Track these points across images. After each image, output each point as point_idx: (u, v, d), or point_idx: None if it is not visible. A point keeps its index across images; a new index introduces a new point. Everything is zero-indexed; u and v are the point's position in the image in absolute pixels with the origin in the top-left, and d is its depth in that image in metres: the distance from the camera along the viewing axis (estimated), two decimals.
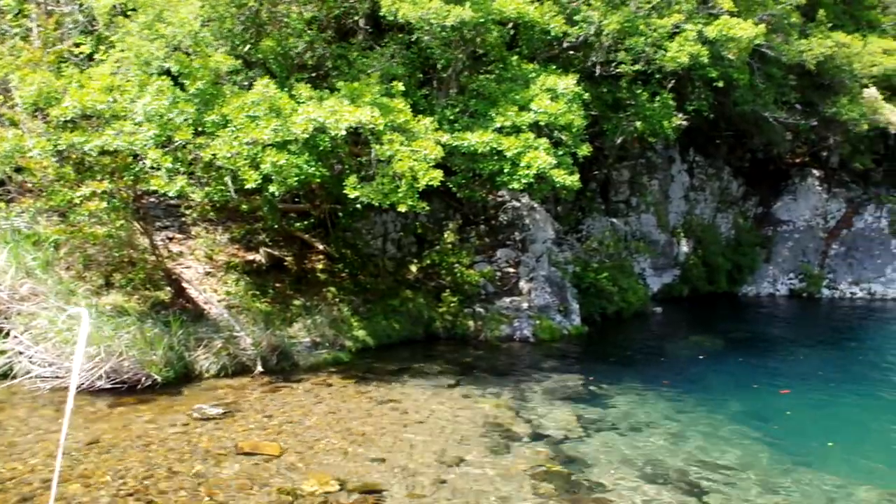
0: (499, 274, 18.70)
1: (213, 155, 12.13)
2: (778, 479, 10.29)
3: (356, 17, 16.11)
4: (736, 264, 27.98)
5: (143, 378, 12.15)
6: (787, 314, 25.72)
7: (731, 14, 17.88)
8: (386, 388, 13.32)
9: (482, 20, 14.48)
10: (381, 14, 14.57)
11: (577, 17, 17.03)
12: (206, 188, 13.29)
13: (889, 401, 14.55)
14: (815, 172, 29.69)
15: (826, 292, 28.44)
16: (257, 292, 15.70)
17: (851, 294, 28.28)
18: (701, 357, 17.96)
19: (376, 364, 15.02)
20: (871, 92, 24.73)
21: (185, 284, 15.03)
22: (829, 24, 24.12)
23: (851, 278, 28.55)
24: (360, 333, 16.11)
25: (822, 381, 15.97)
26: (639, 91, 18.43)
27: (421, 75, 16.10)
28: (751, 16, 18.73)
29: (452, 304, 17.73)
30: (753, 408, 13.86)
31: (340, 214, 17.19)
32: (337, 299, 16.48)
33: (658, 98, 18.32)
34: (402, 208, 12.65)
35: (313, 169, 12.35)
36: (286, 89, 13.11)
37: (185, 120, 12.09)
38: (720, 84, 19.14)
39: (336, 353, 15.12)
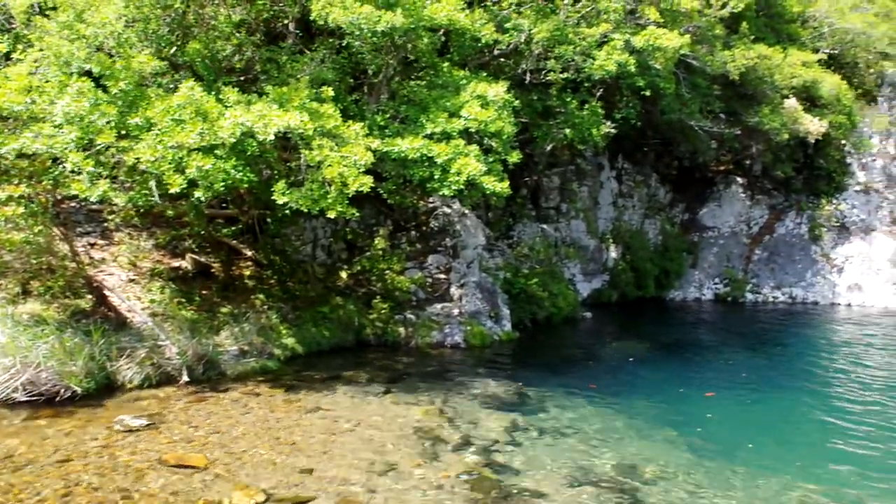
0: (430, 280, 18.68)
1: (137, 159, 11.84)
2: (702, 480, 10.48)
3: (286, 21, 15.90)
4: (663, 269, 28.50)
5: (62, 390, 11.77)
6: (712, 318, 26.26)
7: (658, 25, 18.22)
8: (316, 397, 13.16)
9: (413, 26, 14.46)
10: (312, 18, 14.41)
11: (507, 25, 17.16)
12: (130, 193, 12.95)
13: (807, 403, 14.96)
14: (739, 180, 30.44)
15: (750, 297, 29.15)
16: (183, 300, 15.37)
17: (774, 298, 29.04)
18: (631, 361, 18.20)
19: (306, 372, 14.83)
20: (792, 102, 25.45)
21: (107, 292, 14.62)
22: (752, 37, 24.77)
23: (774, 283, 29.32)
24: (290, 341, 15.89)
25: (745, 383, 16.34)
26: (568, 99, 18.62)
27: (351, 80, 15.99)
28: (676, 27, 19.11)
29: (383, 311, 17.64)
30: (680, 411, 14.10)
31: (269, 220, 16.95)
32: (265, 306, 16.23)
33: (587, 106, 18.55)
34: (332, 214, 12.53)
35: (241, 174, 12.14)
36: (213, 93, 12.87)
37: (108, 122, 11.77)
38: (647, 93, 19.47)
39: (264, 362, 14.87)
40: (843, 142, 28.44)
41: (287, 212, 13.70)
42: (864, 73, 30.47)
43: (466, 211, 19.77)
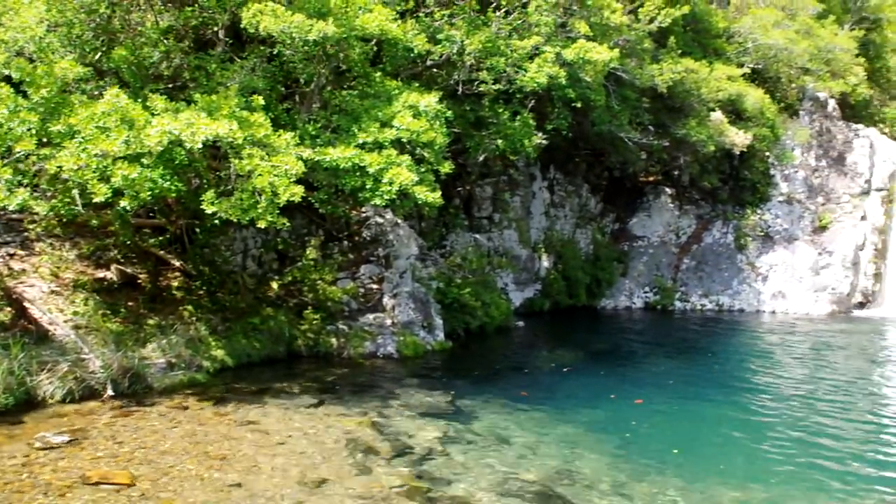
0: (362, 290, 18.58)
1: (59, 167, 11.51)
2: (631, 485, 10.65)
3: (216, 28, 15.66)
4: (595, 278, 28.89)
5: None
6: (642, 326, 26.69)
7: (588, 38, 18.50)
8: (245, 410, 12.94)
9: (345, 36, 14.41)
10: (242, 26, 14.24)
11: (440, 36, 17.23)
12: (52, 202, 12.58)
13: (732, 409, 15.29)
14: (668, 190, 31.07)
15: (678, 304, 29.73)
16: (108, 312, 14.98)
17: (702, 306, 29.67)
18: (565, 370, 18.37)
19: (236, 384, 14.59)
20: (718, 115, 26.10)
21: (27, 304, 14.16)
22: (679, 51, 25.32)
23: (701, 291, 29.96)
24: (219, 353, 15.62)
25: (672, 390, 16.65)
26: (500, 110, 18.76)
27: (283, 89, 15.85)
28: (606, 40, 19.43)
29: (315, 322, 17.48)
30: (610, 418, 14.30)
31: (198, 230, 16.66)
32: (194, 318, 15.93)
33: (519, 117, 18.71)
34: (263, 224, 12.38)
35: (168, 183, 11.93)
36: (140, 100, 12.61)
37: (28, 130, 11.42)
38: (578, 105, 19.75)
39: (193, 375, 14.59)
40: (767, 154, 29.28)
41: (216, 221, 13.47)
42: (787, 87, 31.44)
43: (399, 221, 19.75)
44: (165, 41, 14.66)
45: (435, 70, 18.02)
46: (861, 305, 29.26)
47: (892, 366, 20.46)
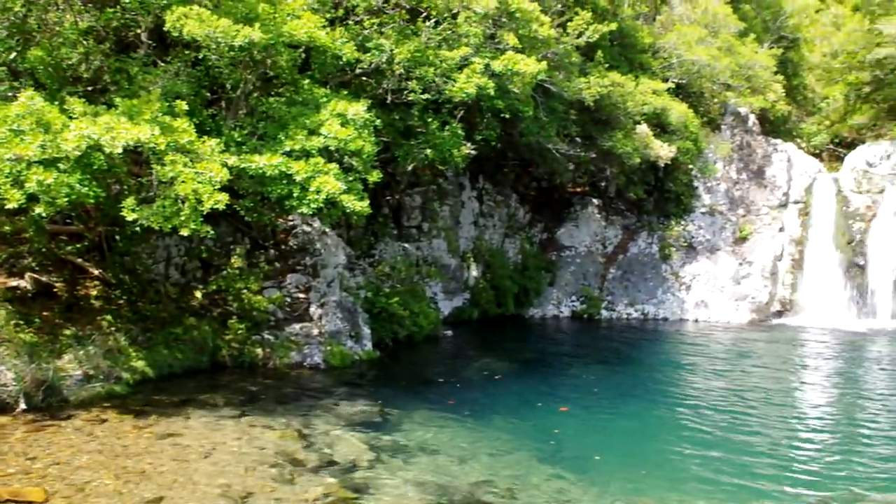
0: (289, 300, 18.31)
1: None
2: (554, 492, 10.78)
3: (138, 31, 15.28)
4: (523, 287, 29.05)
5: None
6: (569, 335, 26.95)
7: (516, 50, 18.64)
8: (167, 422, 12.64)
9: (272, 42, 14.23)
10: (166, 29, 13.94)
11: (369, 45, 17.16)
12: None
13: (654, 415, 15.59)
14: (595, 201, 31.48)
15: (605, 313, 30.09)
16: (21, 322, 14.41)
17: (627, 315, 30.09)
18: (497, 377, 18.47)
19: (156, 396, 14.25)
20: (643, 128, 26.55)
21: None
22: (606, 65, 25.68)
23: (627, 300, 30.41)
24: (139, 364, 15.22)
25: (597, 398, 16.88)
26: (430, 119, 18.75)
27: (208, 94, 15.57)
28: (534, 53, 19.58)
29: (240, 332, 17.17)
30: (536, 426, 14.41)
31: (118, 237, 16.23)
32: (113, 328, 15.48)
33: (448, 127, 18.73)
34: (186, 232, 12.16)
35: (87, 189, 11.60)
36: (57, 102, 12.22)
37: None
38: (507, 115, 19.88)
39: (111, 386, 14.18)
40: (690, 166, 29.89)
41: (137, 229, 13.15)
42: (709, 102, 32.20)
43: (327, 229, 19.56)
44: (85, 42, 14.26)
45: (364, 78, 17.92)
46: (779, 314, 30.08)
47: (808, 373, 21.09)
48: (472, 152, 20.23)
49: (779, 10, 43.57)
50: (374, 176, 14.67)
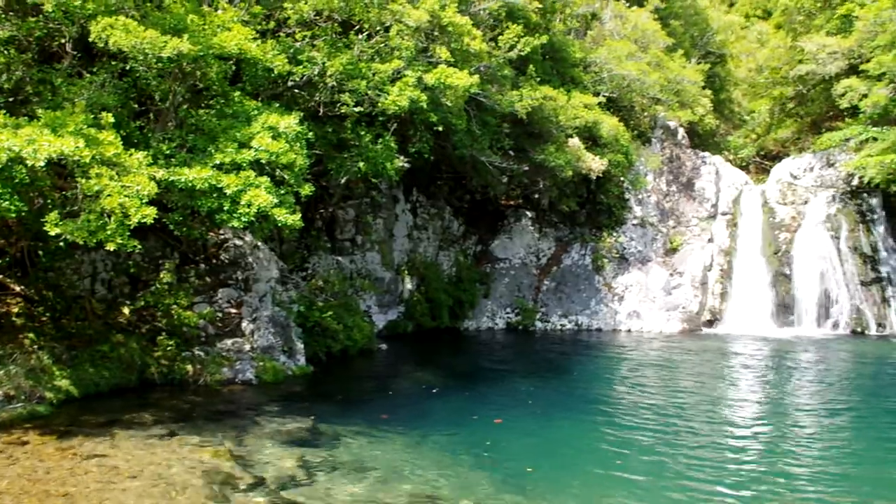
0: (220, 315, 17.99)
1: None
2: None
3: (62, 41, 14.92)
4: (457, 300, 29.13)
5: None
6: (504, 347, 27.06)
7: (449, 64, 18.73)
8: (93, 443, 12.28)
9: (202, 54, 14.04)
10: (91, 40, 13.63)
11: (301, 57, 17.05)
12: None
13: (587, 426, 15.71)
14: (528, 213, 31.77)
15: (539, 325, 30.33)
16: None
17: (561, 326, 30.38)
18: (434, 390, 18.42)
19: (82, 416, 13.84)
20: (575, 141, 26.91)
21: None
22: (538, 79, 25.98)
23: (561, 311, 30.70)
24: (64, 383, 14.77)
25: (531, 409, 16.96)
26: (363, 132, 18.68)
27: (136, 106, 15.24)
28: (467, 66, 19.70)
29: (169, 348, 16.81)
30: (470, 438, 14.41)
31: (41, 252, 15.76)
32: (36, 346, 15.00)
33: (381, 140, 18.70)
34: (112, 247, 11.89)
35: (7, 203, 11.29)
36: None
37: None
38: (440, 128, 19.94)
39: (34, 407, 13.73)
40: (622, 179, 30.38)
41: (61, 244, 12.79)
42: (640, 115, 32.83)
43: (259, 243, 19.31)
44: (6, 52, 13.84)
45: (296, 91, 17.78)
46: (709, 323, 30.70)
47: (736, 380, 21.53)
48: (406, 165, 20.23)
49: (706, 27, 44.76)
50: (307, 189, 14.55)
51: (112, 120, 12.82)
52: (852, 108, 32.71)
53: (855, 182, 31.66)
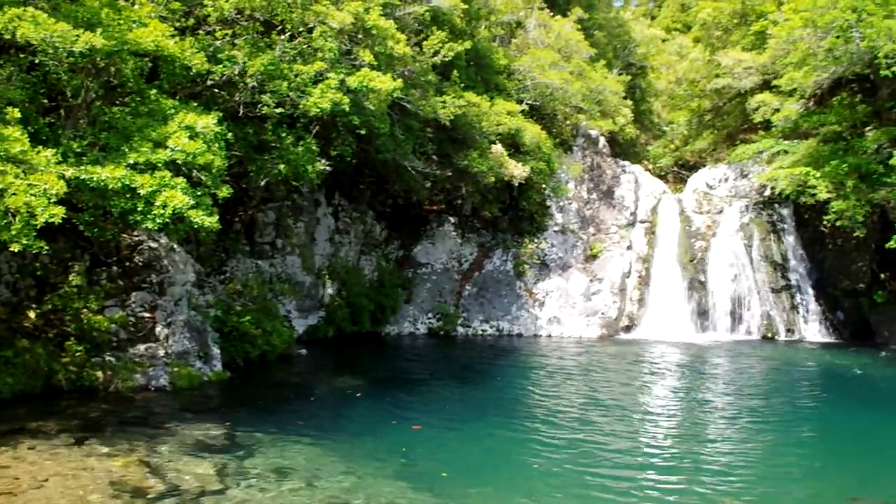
0: (133, 319, 17.44)
1: None
2: None
3: None
4: (379, 305, 28.99)
5: None
6: (426, 352, 27.00)
7: (372, 67, 18.58)
8: None
9: (116, 49, 13.62)
10: None
11: (221, 56, 16.72)
12: None
13: (505, 430, 15.75)
14: (451, 219, 31.84)
15: (461, 330, 30.39)
16: None
17: (483, 331, 30.49)
18: (358, 395, 18.28)
19: None
20: (498, 148, 27.08)
21: None
22: (462, 85, 26.10)
23: (482, 316, 30.80)
24: None
25: (451, 414, 16.97)
26: (284, 134, 18.39)
27: (46, 102, 14.69)
28: (390, 70, 19.60)
29: (78, 354, 16.19)
30: (388, 444, 14.28)
31: None
32: None
33: (302, 142, 18.44)
34: (17, 248, 11.45)
35: None
36: None
37: None
38: (363, 132, 19.80)
39: None
40: (544, 186, 30.69)
41: None
42: (562, 124, 33.24)
43: (175, 245, 18.80)
44: None
45: (216, 90, 17.40)
46: (627, 328, 31.23)
47: (652, 385, 21.91)
48: (328, 168, 20.00)
49: (628, 39, 45.78)
50: (225, 191, 14.26)
51: (19, 115, 12.33)
52: (765, 121, 33.82)
53: (767, 193, 32.70)
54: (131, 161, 13.17)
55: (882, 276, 30.55)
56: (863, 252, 30.79)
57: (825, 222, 29.17)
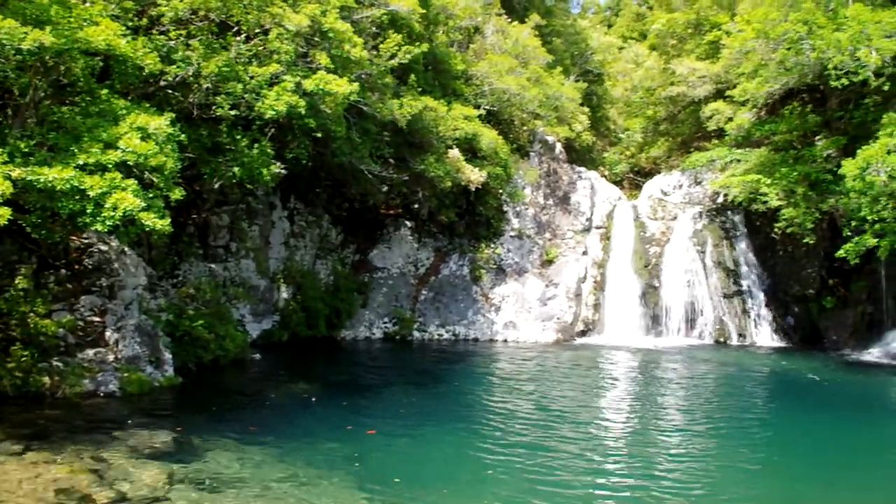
0: (81, 323, 17.08)
1: None
2: None
3: None
4: (335, 309, 28.83)
5: None
6: (382, 356, 26.88)
7: (329, 70, 18.49)
8: None
9: (66, 48, 13.35)
10: None
11: (175, 56, 16.51)
12: None
13: (460, 435, 15.77)
14: (408, 223, 31.79)
15: (417, 334, 30.32)
16: None
17: (439, 336, 30.45)
18: (313, 399, 18.14)
19: None
20: (455, 153, 27.12)
21: None
22: (420, 89, 26.07)
23: (439, 321, 30.78)
24: None
25: (405, 419, 16.91)
26: (238, 136, 18.20)
27: None
28: (347, 73, 19.49)
29: (24, 359, 15.80)
30: (343, 450, 14.19)
31: None
32: None
33: (257, 145, 18.26)
34: None
35: None
36: None
37: None
38: (319, 135, 19.65)
39: None
40: (500, 191, 30.78)
41: None
42: (519, 129, 33.40)
43: (126, 248, 18.48)
44: None
45: (169, 91, 17.16)
46: (583, 333, 31.44)
47: (607, 388, 22.11)
48: (283, 171, 19.83)
49: (585, 47, 46.18)
50: (177, 193, 14.05)
51: None
52: (719, 129, 34.34)
53: (720, 200, 33.19)
54: (81, 162, 12.91)
55: (831, 282, 31.12)
56: (812, 259, 31.34)
57: (776, 229, 29.72)
